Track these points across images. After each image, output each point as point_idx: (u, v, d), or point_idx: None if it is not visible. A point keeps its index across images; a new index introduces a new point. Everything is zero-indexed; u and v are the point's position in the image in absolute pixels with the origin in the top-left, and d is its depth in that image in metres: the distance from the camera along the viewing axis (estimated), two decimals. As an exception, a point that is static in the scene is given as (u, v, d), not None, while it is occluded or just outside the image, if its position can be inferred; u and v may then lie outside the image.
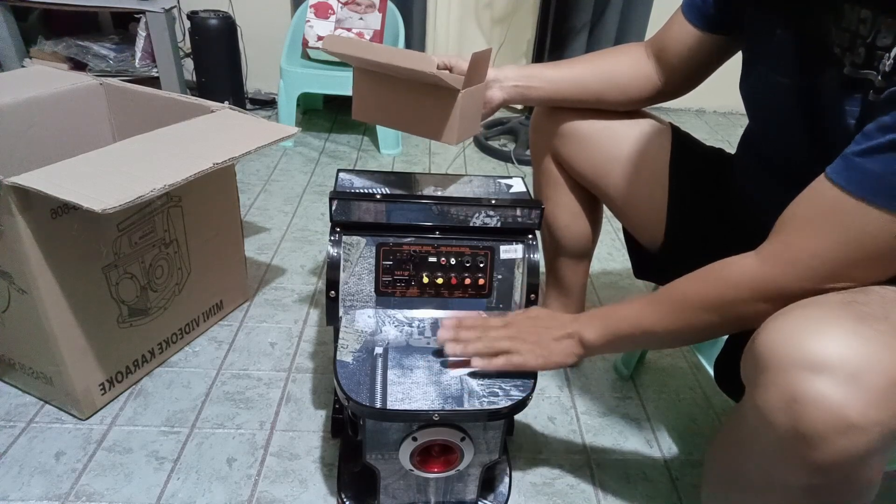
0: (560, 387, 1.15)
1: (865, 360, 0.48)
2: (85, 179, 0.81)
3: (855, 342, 0.49)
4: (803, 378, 0.49)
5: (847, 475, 0.52)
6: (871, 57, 0.57)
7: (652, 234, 0.92)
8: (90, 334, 0.96)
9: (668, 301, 0.69)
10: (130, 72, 2.07)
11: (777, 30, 0.68)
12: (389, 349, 0.78)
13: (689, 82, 0.89)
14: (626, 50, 0.92)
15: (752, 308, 0.61)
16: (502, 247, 0.83)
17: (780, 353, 0.52)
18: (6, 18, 1.97)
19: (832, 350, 0.49)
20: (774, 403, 0.51)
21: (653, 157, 0.91)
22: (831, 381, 0.48)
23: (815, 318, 0.52)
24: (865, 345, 0.49)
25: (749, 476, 0.61)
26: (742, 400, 0.60)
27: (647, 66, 0.90)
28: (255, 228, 1.61)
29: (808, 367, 0.49)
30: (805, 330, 0.51)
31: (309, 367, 1.15)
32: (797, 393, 0.49)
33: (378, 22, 2.09)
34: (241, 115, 1.10)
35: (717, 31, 0.81)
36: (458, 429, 0.76)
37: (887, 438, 0.49)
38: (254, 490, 0.91)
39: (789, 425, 0.50)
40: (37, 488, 0.89)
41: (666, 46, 0.87)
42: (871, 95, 0.57)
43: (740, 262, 0.63)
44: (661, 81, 0.90)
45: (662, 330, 0.69)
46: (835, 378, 0.48)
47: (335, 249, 0.80)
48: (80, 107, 1.21)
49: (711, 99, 2.77)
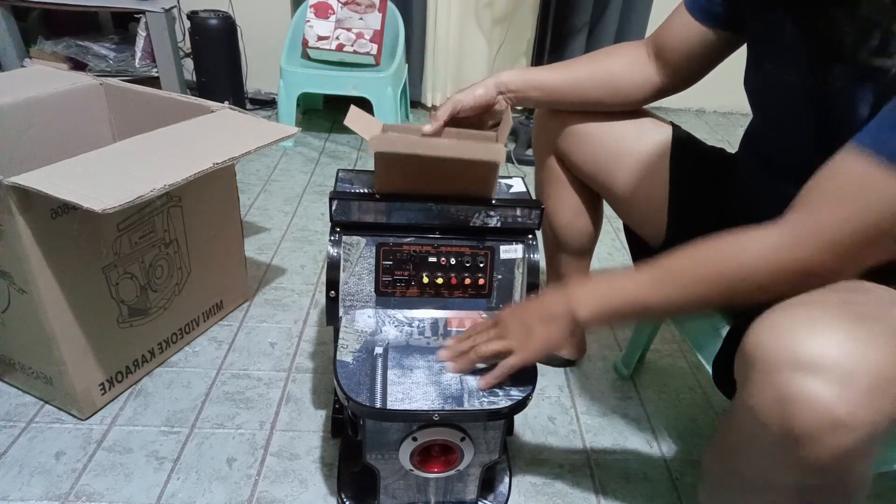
0: (560, 387, 1.15)
1: (855, 360, 0.48)
2: (85, 179, 0.81)
3: (846, 342, 0.49)
4: (793, 378, 0.49)
5: (839, 474, 0.52)
6: (886, 44, 0.57)
7: (654, 230, 0.93)
8: (90, 334, 0.96)
9: (672, 275, 0.65)
10: (130, 72, 2.07)
11: (786, 27, 0.68)
12: (389, 349, 0.78)
13: (689, 79, 0.89)
14: (623, 51, 0.92)
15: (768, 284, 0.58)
16: (502, 247, 0.83)
17: (771, 353, 0.52)
18: (6, 18, 1.97)
19: (822, 350, 0.49)
20: (765, 403, 0.52)
21: (654, 155, 0.91)
22: (821, 380, 0.48)
23: (806, 318, 0.52)
24: (857, 345, 0.49)
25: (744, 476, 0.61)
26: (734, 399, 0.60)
27: (646, 66, 0.89)
28: (255, 228, 1.61)
29: (799, 366, 0.49)
30: (796, 329, 0.51)
31: (309, 367, 1.15)
32: (787, 393, 0.50)
33: (378, 22, 2.09)
34: (241, 115, 1.10)
35: (722, 28, 0.81)
36: (458, 429, 0.76)
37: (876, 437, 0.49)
38: (254, 490, 0.91)
39: (780, 424, 0.51)
40: (37, 488, 0.89)
41: (667, 43, 0.87)
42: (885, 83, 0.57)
43: (758, 234, 0.59)
44: (661, 79, 0.89)
45: (664, 306, 0.66)
46: (825, 378, 0.48)
47: (335, 249, 0.80)
48: (80, 107, 1.21)
49: (711, 99, 2.77)
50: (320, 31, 2.08)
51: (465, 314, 0.84)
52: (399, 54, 2.16)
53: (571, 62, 0.94)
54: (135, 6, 2.00)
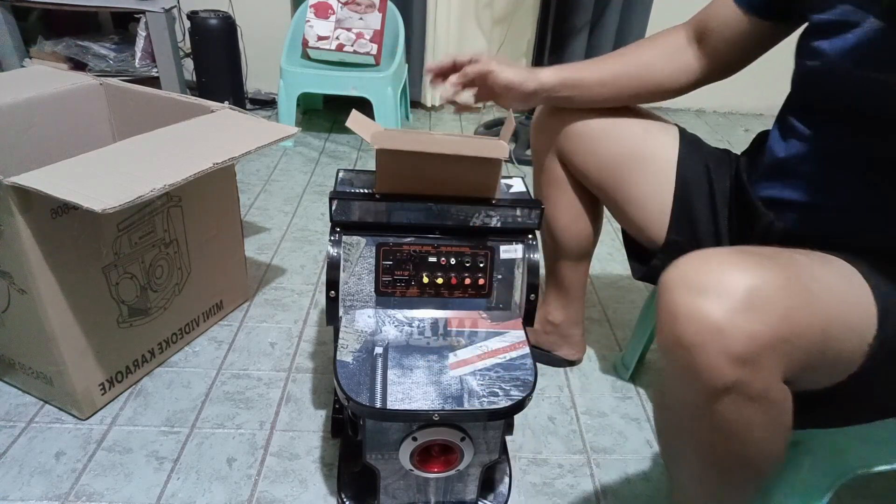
0: (560, 387, 1.15)
1: (735, 280, 0.54)
2: (85, 179, 0.81)
3: (730, 268, 0.55)
4: (680, 295, 0.55)
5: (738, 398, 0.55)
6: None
7: (654, 233, 0.92)
8: (90, 334, 0.96)
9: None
10: (130, 72, 2.07)
11: (868, 19, 0.62)
12: (389, 349, 0.78)
13: (732, 67, 0.86)
14: (661, 39, 0.89)
15: None
16: (502, 247, 0.83)
17: (667, 280, 0.58)
18: (6, 18, 1.97)
19: (707, 272, 0.55)
20: (662, 323, 0.57)
21: (660, 157, 0.90)
22: (703, 296, 0.54)
23: (703, 253, 0.58)
24: (740, 270, 0.55)
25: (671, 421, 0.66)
26: None
27: (687, 54, 0.87)
28: (255, 228, 1.61)
29: (686, 286, 0.55)
30: (691, 260, 0.57)
31: (309, 367, 1.15)
32: (675, 308, 0.55)
33: (378, 22, 2.09)
34: (241, 115, 1.10)
35: (768, 18, 0.78)
36: (458, 429, 0.76)
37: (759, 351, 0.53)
38: (254, 490, 0.91)
39: (673, 339, 0.55)
40: (37, 488, 0.89)
41: (711, 29, 0.84)
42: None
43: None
44: (701, 66, 0.87)
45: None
46: (706, 294, 0.54)
47: (335, 249, 0.80)
48: (80, 107, 1.21)
49: (711, 99, 2.77)
50: (320, 31, 2.08)
51: (465, 314, 0.85)
52: (399, 54, 2.16)
53: (606, 57, 0.92)
54: (135, 6, 2.00)
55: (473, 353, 0.79)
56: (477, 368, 0.76)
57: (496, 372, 0.76)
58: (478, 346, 0.80)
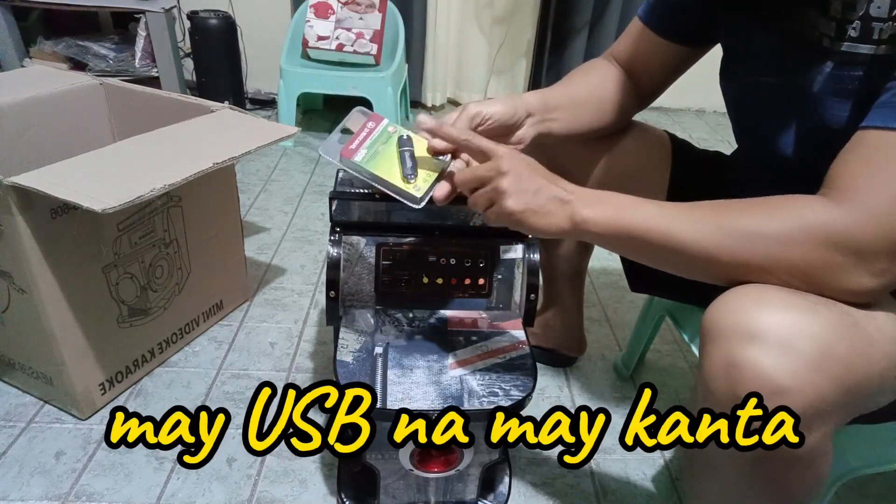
0: (560, 387, 1.15)
1: (800, 335, 0.51)
2: (85, 179, 0.81)
3: (792, 319, 0.52)
4: (740, 345, 0.52)
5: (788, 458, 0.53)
6: (868, 30, 0.58)
7: None
8: (90, 334, 0.96)
9: (711, 217, 0.59)
10: (130, 72, 2.07)
11: (758, 33, 0.69)
12: (389, 349, 0.78)
13: (656, 93, 0.89)
14: (600, 70, 0.87)
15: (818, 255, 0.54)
16: (502, 247, 0.83)
17: (722, 324, 0.54)
18: (6, 18, 1.97)
19: (769, 322, 0.51)
20: (715, 370, 0.54)
21: (653, 167, 0.90)
22: (765, 350, 0.50)
23: (757, 295, 0.54)
24: (802, 322, 0.51)
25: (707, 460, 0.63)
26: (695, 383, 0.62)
27: (627, 84, 0.87)
28: (255, 228, 1.61)
29: (745, 335, 0.52)
30: (747, 304, 0.54)
31: (309, 367, 1.15)
32: (734, 360, 0.52)
33: (378, 22, 2.09)
34: (241, 114, 1.10)
35: (689, 44, 0.82)
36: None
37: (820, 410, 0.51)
38: (254, 490, 0.91)
39: (727, 390, 0.52)
40: (37, 488, 0.89)
41: (635, 59, 0.86)
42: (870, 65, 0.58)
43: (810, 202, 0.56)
44: (638, 96, 0.89)
45: (688, 248, 0.58)
46: (769, 348, 0.50)
47: (335, 249, 0.80)
48: (80, 107, 1.21)
49: (711, 99, 2.77)
50: (320, 31, 2.08)
51: (465, 314, 0.85)
52: (399, 54, 2.16)
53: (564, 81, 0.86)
54: (135, 6, 2.00)
55: (473, 353, 0.79)
56: (477, 368, 0.76)
57: (496, 372, 0.76)
58: (478, 346, 0.80)
